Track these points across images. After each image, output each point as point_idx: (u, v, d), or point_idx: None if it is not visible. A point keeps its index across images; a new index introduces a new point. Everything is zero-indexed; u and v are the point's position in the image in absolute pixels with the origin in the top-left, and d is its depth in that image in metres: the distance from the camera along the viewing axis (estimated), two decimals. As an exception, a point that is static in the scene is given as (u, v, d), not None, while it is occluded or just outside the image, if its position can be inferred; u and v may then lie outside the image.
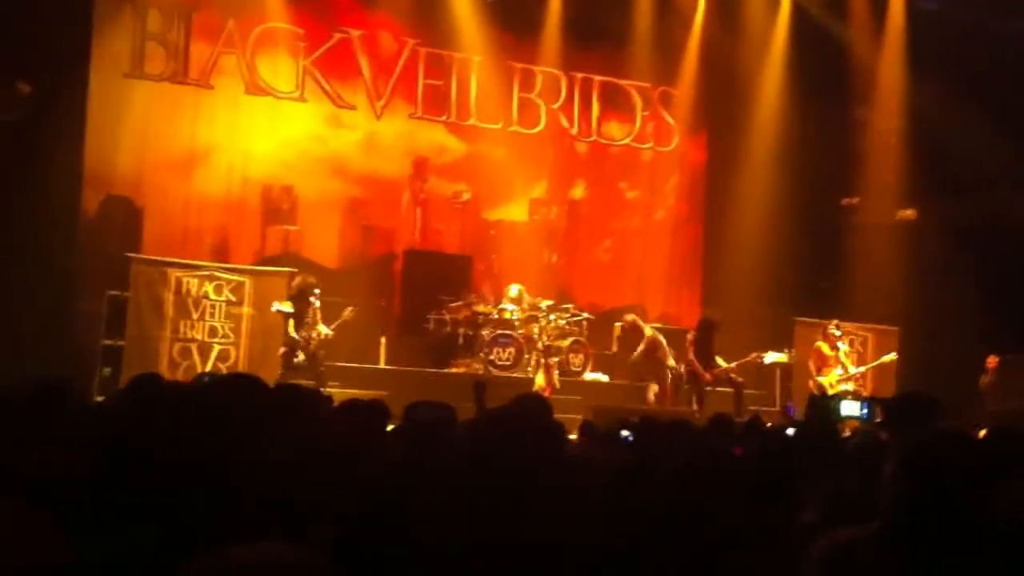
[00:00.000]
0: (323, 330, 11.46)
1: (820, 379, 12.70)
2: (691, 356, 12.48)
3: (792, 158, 15.45)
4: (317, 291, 11.62)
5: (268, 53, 14.37)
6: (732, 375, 12.51)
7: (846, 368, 12.75)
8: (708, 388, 12.44)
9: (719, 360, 12.47)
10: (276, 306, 11.51)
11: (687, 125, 16.47)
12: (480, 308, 13.37)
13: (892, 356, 13.31)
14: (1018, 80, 13.95)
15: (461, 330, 13.25)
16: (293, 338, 11.43)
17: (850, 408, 4.47)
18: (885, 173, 15.78)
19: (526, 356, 13.04)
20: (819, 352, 12.85)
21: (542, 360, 12.63)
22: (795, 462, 3.80)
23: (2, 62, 11.82)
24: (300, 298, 11.53)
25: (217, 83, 14.09)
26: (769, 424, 7.16)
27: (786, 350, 13.13)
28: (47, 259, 11.97)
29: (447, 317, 13.33)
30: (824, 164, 15.24)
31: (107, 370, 11.30)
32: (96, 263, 12.54)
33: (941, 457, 1.85)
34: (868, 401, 4.16)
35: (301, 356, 11.41)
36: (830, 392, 12.62)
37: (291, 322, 11.46)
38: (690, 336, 12.75)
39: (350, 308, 11.65)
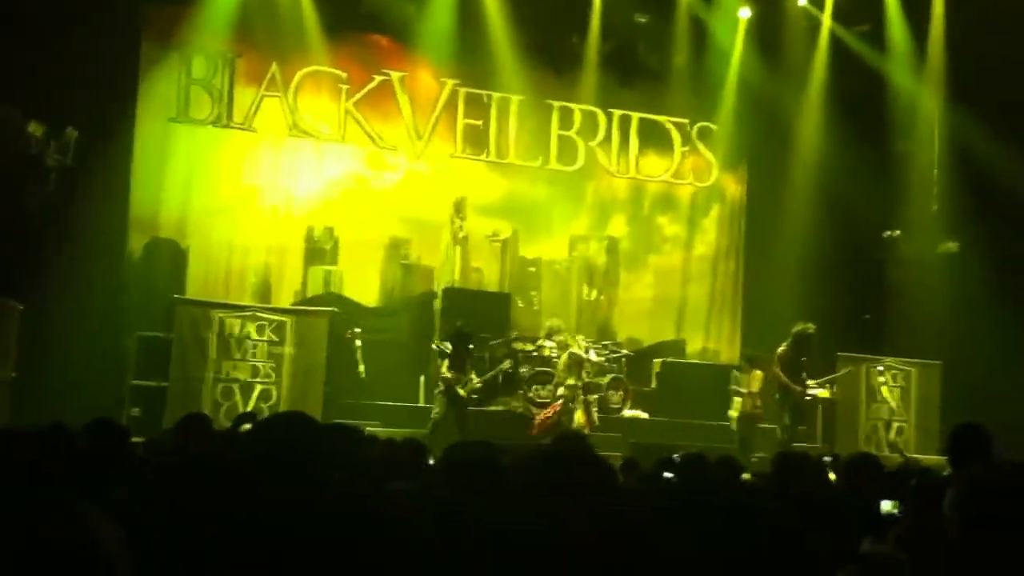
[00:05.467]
0: (475, 380, 11.98)
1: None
2: (777, 370, 11.98)
3: (832, 191, 15.33)
4: (470, 335, 12.05)
5: (310, 96, 14.56)
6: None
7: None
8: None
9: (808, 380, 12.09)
10: (436, 345, 12.01)
11: (726, 160, 16.46)
12: (519, 346, 13.41)
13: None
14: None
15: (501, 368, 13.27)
16: (447, 377, 11.71)
17: (887, 506, 4.18)
18: (927, 205, 15.64)
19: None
20: None
21: (581, 397, 12.59)
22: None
23: (51, 108, 12.04)
24: (460, 342, 11.88)
25: (260, 126, 14.30)
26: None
27: (828, 385, 12.96)
28: (93, 300, 12.12)
29: (486, 355, 13.35)
30: (865, 197, 15.11)
31: (136, 410, 11.31)
32: (141, 304, 12.70)
33: (1004, 488, 1.84)
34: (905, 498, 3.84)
35: (463, 393, 11.73)
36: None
37: (446, 362, 11.80)
38: (780, 349, 12.21)
39: (509, 360, 12.54)
